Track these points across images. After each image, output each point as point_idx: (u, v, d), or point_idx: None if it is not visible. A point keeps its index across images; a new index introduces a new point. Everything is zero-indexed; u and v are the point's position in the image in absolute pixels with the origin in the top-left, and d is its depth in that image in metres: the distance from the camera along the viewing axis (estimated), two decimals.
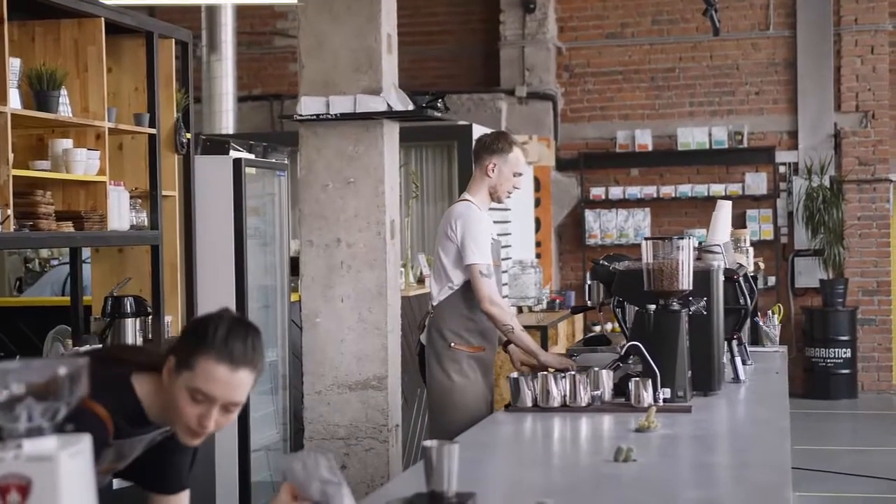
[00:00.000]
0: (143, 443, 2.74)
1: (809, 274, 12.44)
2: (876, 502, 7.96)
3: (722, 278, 4.64)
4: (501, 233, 10.16)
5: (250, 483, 6.24)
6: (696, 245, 5.14)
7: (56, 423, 1.78)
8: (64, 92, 4.90)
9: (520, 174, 5.28)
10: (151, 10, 12.54)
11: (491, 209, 9.20)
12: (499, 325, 5.08)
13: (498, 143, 5.27)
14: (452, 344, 5.14)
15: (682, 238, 4.38)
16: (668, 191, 12.65)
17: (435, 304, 5.25)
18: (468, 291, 5.14)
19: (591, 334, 5.44)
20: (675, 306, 4.35)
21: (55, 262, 8.34)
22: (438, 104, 6.04)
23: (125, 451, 2.70)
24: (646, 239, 4.42)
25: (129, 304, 5.32)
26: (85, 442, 1.80)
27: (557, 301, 11.11)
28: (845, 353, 12.09)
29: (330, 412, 5.57)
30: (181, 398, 2.56)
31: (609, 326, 11.65)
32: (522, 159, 5.30)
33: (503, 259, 9.95)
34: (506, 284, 9.60)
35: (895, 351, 12.61)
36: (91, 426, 2.42)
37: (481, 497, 2.78)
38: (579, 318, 11.10)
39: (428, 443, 2.72)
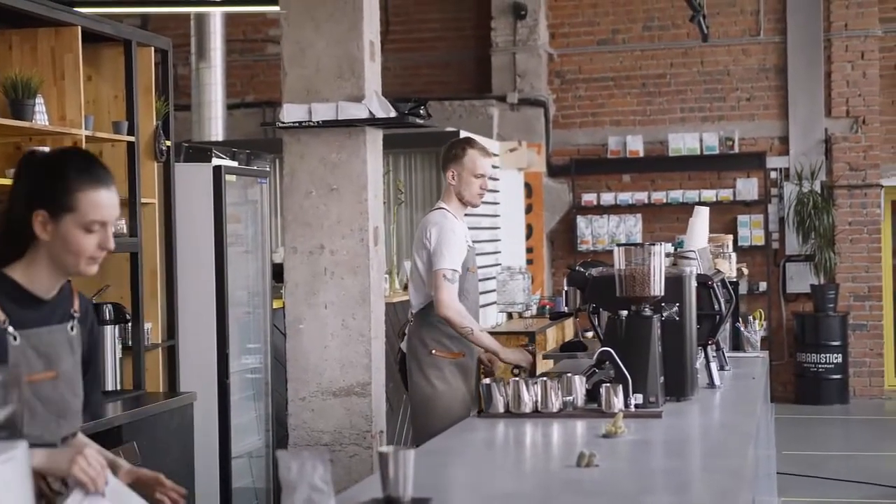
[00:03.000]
0: (64, 342, 2.74)
1: (801, 279, 12.44)
2: None
3: (695, 284, 4.65)
4: (491, 238, 10.21)
5: (231, 490, 6.25)
6: (671, 251, 5.16)
7: None
8: (40, 100, 4.91)
9: (481, 175, 5.32)
10: (144, 19, 12.59)
11: (479, 215, 9.25)
12: (457, 329, 5.15)
13: (452, 150, 5.38)
14: (433, 351, 5.22)
15: (654, 244, 4.39)
16: (659, 197, 12.67)
17: (415, 311, 5.32)
18: None
19: (568, 340, 5.46)
20: (647, 312, 4.35)
21: None
22: (420, 111, 6.04)
23: (44, 349, 2.69)
24: (618, 245, 4.44)
25: (107, 312, 5.33)
26: (19, 450, 1.82)
27: (548, 307, 11.12)
28: (836, 358, 12.10)
29: (314, 419, 5.58)
30: (75, 237, 2.66)
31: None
32: (480, 160, 5.33)
33: (492, 265, 10.02)
34: (493, 291, 9.62)
35: (886, 356, 12.63)
36: None
37: (438, 502, 2.80)
38: (570, 323, 11.11)
39: (383, 449, 2.74)
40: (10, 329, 2.62)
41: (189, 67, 11.39)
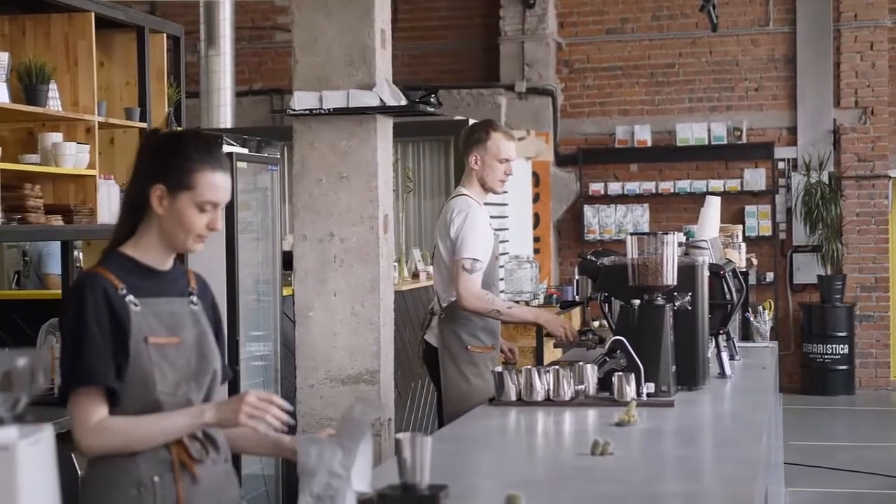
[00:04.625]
0: (185, 314, 2.85)
1: (808, 270, 12.44)
2: (871, 498, 7.97)
3: (707, 274, 4.65)
4: (499, 227, 10.20)
5: (241, 476, 6.25)
6: (683, 240, 5.16)
7: (16, 414, 1.80)
8: (53, 86, 4.92)
9: (506, 160, 5.14)
10: (153, 6, 12.58)
11: (486, 203, 9.22)
12: (487, 316, 5.04)
13: (475, 133, 5.18)
14: (469, 347, 5.09)
15: (667, 234, 4.39)
16: (666, 186, 12.66)
17: (444, 304, 5.15)
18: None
19: (579, 329, 5.43)
20: (660, 301, 4.36)
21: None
22: (431, 99, 6.03)
23: (165, 317, 2.81)
24: (631, 234, 4.44)
25: None
26: (45, 433, 1.83)
27: (555, 296, 11.12)
28: (843, 349, 12.10)
29: (322, 406, 5.58)
30: (189, 214, 2.77)
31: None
32: (505, 144, 5.15)
33: (500, 254, 10.01)
34: (500, 280, 9.62)
35: (893, 347, 12.62)
36: (86, 280, 2.75)
37: (454, 489, 2.80)
38: (577, 312, 11.12)
39: (400, 435, 2.75)
40: (130, 297, 2.75)
41: (198, 55, 11.38)
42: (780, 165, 12.60)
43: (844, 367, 12.13)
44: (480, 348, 5.09)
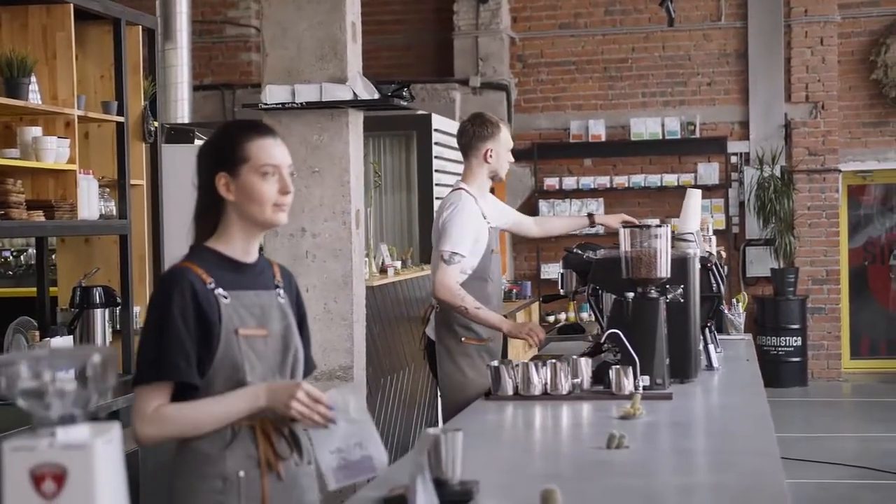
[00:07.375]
0: (273, 306, 2.86)
1: (761, 263, 12.56)
2: (827, 487, 8.06)
3: (698, 266, 4.67)
4: None
5: None
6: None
7: (88, 411, 1.76)
8: (34, 79, 4.82)
9: (511, 147, 5.33)
10: None
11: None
12: (454, 310, 5.04)
13: (487, 128, 5.22)
14: (463, 339, 5.10)
15: (661, 226, 4.39)
16: (621, 181, 12.71)
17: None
18: (473, 283, 5.08)
19: (566, 323, 5.43)
20: (654, 294, 4.36)
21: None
22: (404, 93, 6.02)
23: (255, 310, 2.82)
24: (624, 226, 4.43)
25: (97, 295, 5.25)
26: (115, 430, 1.78)
27: (514, 291, 11.16)
28: (796, 341, 12.24)
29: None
30: (255, 185, 2.79)
31: (563, 316, 11.72)
32: (508, 133, 5.31)
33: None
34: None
35: (844, 339, 12.79)
36: (173, 274, 2.79)
37: (484, 484, 2.78)
38: (535, 307, 11.16)
39: (432, 430, 2.72)
40: (220, 290, 2.78)
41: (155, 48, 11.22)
42: (733, 159, 12.71)
43: (797, 359, 12.27)
44: (475, 340, 5.08)
